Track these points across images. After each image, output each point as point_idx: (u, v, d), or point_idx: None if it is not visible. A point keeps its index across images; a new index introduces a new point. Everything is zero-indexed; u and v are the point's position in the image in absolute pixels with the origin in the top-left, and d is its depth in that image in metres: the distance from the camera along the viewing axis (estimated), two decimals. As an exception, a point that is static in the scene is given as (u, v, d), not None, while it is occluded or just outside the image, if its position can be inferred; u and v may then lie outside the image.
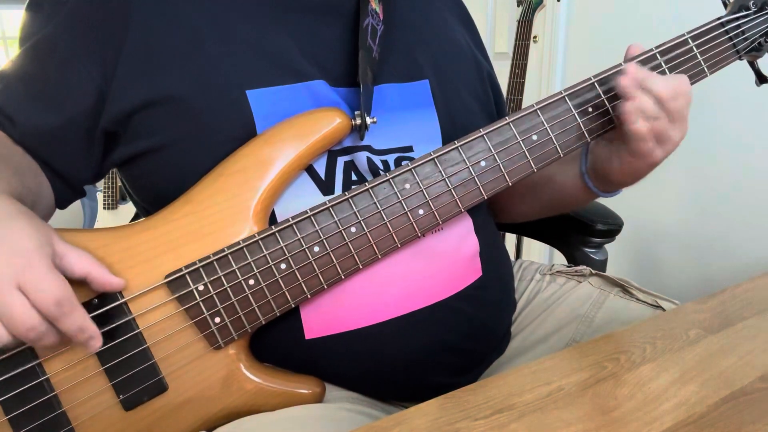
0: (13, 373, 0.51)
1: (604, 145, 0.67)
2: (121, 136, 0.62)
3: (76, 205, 2.54)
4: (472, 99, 0.75)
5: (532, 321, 0.80)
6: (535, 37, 1.96)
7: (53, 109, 0.60)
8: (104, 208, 2.55)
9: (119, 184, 2.55)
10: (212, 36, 0.61)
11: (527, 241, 1.97)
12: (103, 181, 2.50)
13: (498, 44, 2.27)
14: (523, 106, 1.24)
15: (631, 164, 0.64)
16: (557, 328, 0.78)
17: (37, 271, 0.45)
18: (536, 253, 2.13)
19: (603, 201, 0.80)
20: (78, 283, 0.50)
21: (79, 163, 0.63)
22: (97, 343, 0.49)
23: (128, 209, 2.53)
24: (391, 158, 0.65)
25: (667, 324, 0.60)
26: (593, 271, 0.84)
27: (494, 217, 0.80)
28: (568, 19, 1.93)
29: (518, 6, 1.82)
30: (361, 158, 0.63)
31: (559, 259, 1.07)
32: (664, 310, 0.74)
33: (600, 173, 0.70)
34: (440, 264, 0.64)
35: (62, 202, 0.66)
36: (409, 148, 0.66)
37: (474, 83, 0.77)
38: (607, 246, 0.99)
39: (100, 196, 2.55)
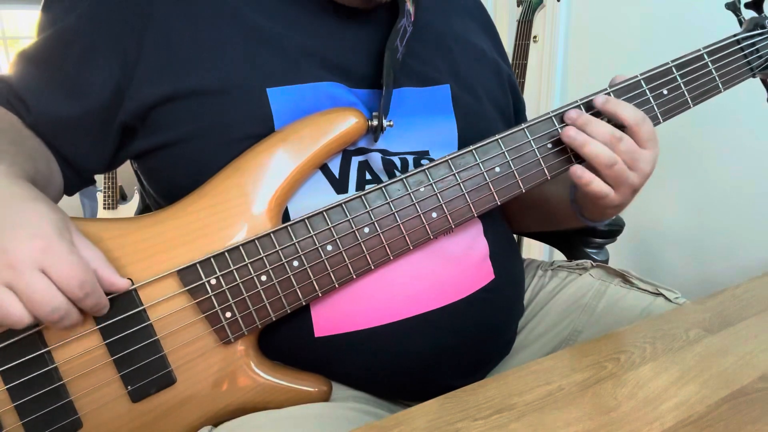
0: (21, 360, 0.51)
1: None
2: (139, 129, 0.62)
3: (76, 205, 2.54)
4: (492, 107, 0.75)
5: (536, 315, 0.81)
6: (535, 37, 1.96)
7: (69, 99, 0.60)
8: (104, 208, 2.55)
9: (119, 184, 2.55)
10: (234, 33, 0.61)
11: (527, 241, 1.97)
12: (103, 181, 2.50)
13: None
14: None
15: (592, 209, 0.67)
16: (560, 319, 0.79)
17: (59, 253, 0.46)
18: (536, 252, 2.14)
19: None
20: None
21: (91, 153, 0.63)
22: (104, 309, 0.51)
23: (128, 209, 2.53)
24: (410, 158, 0.65)
25: (667, 324, 0.60)
26: (594, 264, 0.84)
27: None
28: (568, 19, 1.93)
29: (518, 6, 1.83)
30: (376, 158, 0.63)
31: (559, 257, 1.07)
32: (666, 297, 0.75)
33: (581, 206, 0.71)
34: (451, 266, 0.64)
35: (70, 189, 0.66)
36: (425, 153, 0.66)
37: (495, 90, 0.77)
38: (608, 246, 0.99)
39: (100, 196, 2.54)
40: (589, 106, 0.63)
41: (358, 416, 0.60)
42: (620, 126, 0.61)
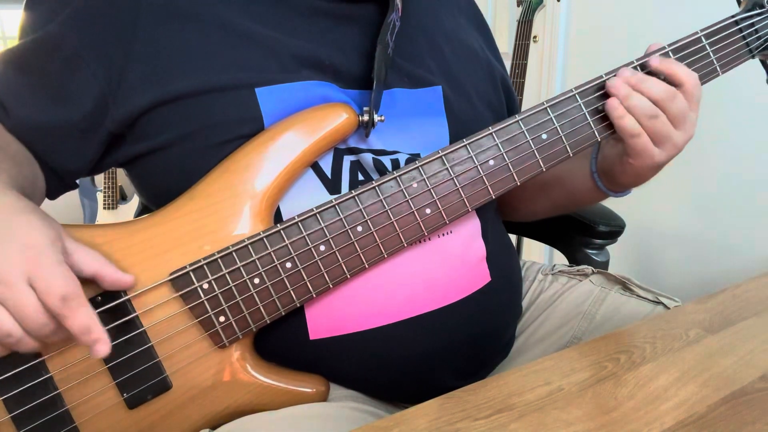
0: (16, 371, 0.51)
1: (612, 145, 0.67)
2: (127, 136, 0.61)
3: (76, 205, 2.54)
4: (485, 107, 0.74)
5: (535, 320, 0.81)
6: (535, 37, 1.96)
7: (51, 106, 0.59)
8: (104, 208, 2.54)
9: (119, 184, 2.55)
10: (222, 37, 0.60)
11: (527, 242, 1.96)
12: (103, 181, 2.50)
13: (498, 44, 2.27)
14: (523, 107, 1.23)
15: (632, 165, 0.64)
16: (559, 325, 0.79)
17: (47, 265, 0.45)
18: (536, 253, 2.13)
19: (605, 202, 0.80)
20: (82, 281, 0.50)
21: (73, 160, 0.62)
22: (104, 347, 0.47)
23: (128, 209, 2.53)
24: (401, 159, 0.64)
25: (667, 324, 0.60)
26: (595, 270, 0.84)
27: (503, 216, 0.79)
28: (568, 19, 1.93)
29: (518, 6, 1.83)
30: (367, 158, 0.63)
31: (559, 258, 1.07)
32: (665, 306, 0.74)
33: (608, 173, 0.69)
34: (447, 267, 0.63)
35: (53, 193, 0.65)
36: (417, 156, 0.65)
37: (488, 90, 0.76)
38: (608, 247, 0.99)
39: (100, 196, 2.54)
40: (643, 67, 0.63)
41: (357, 415, 0.60)
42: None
